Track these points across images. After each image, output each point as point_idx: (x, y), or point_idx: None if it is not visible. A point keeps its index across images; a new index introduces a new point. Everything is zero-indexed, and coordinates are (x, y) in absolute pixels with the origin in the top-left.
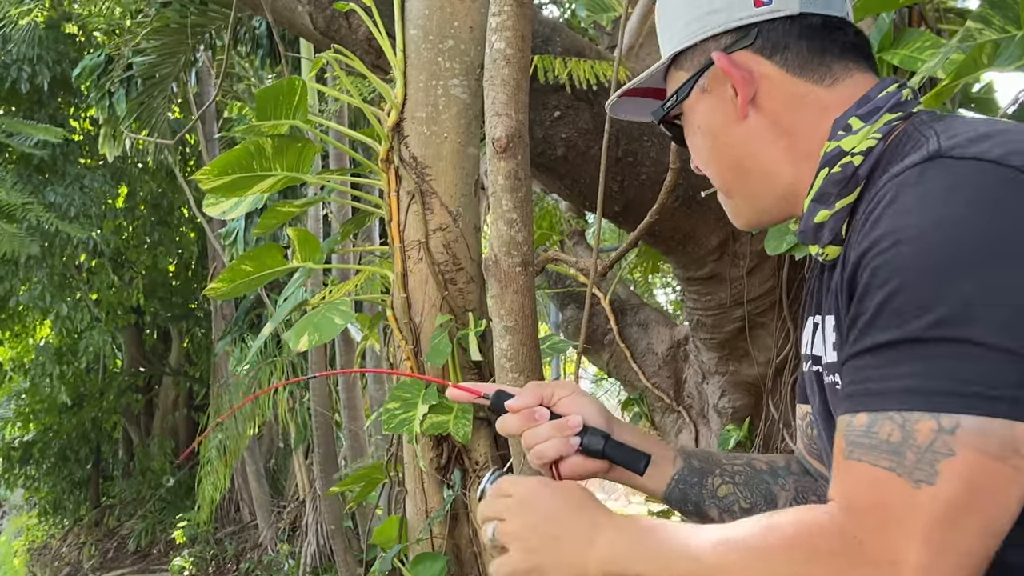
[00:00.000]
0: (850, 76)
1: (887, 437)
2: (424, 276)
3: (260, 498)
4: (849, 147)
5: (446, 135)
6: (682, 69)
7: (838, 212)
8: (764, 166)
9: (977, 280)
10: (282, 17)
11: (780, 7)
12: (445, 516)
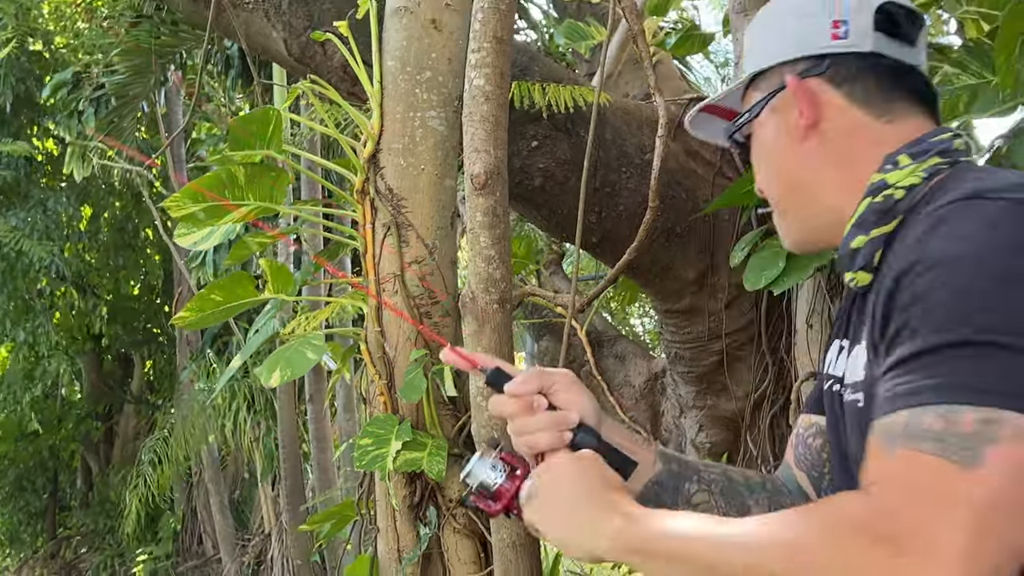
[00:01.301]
0: (911, 118)
1: (929, 427)
2: (401, 307)
3: (224, 531)
4: (893, 180)
5: (423, 167)
6: (758, 90)
7: (873, 239)
8: (817, 189)
9: (1009, 298)
10: (256, 42)
11: (854, 43)
12: (418, 557)
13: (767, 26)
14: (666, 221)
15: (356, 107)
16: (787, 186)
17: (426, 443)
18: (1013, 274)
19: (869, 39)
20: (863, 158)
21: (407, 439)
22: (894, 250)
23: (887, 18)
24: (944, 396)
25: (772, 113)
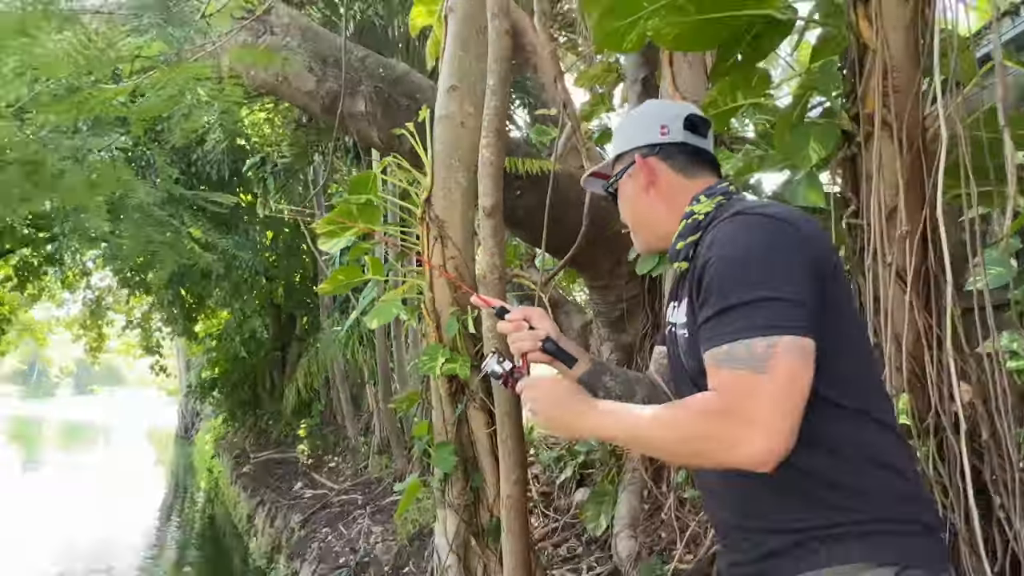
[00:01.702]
0: (705, 176)
1: (738, 353)
2: (443, 285)
3: (347, 410)
4: (698, 210)
5: (455, 204)
6: (621, 163)
7: (688, 243)
8: (655, 219)
9: (764, 269)
10: (362, 136)
11: (673, 137)
12: (454, 422)
13: (625, 128)
14: (591, 235)
15: (417, 171)
16: (638, 218)
17: (458, 359)
18: (763, 257)
19: (680, 134)
20: (680, 200)
21: (447, 357)
22: (700, 251)
23: (690, 123)
24: (744, 334)
25: (628, 178)
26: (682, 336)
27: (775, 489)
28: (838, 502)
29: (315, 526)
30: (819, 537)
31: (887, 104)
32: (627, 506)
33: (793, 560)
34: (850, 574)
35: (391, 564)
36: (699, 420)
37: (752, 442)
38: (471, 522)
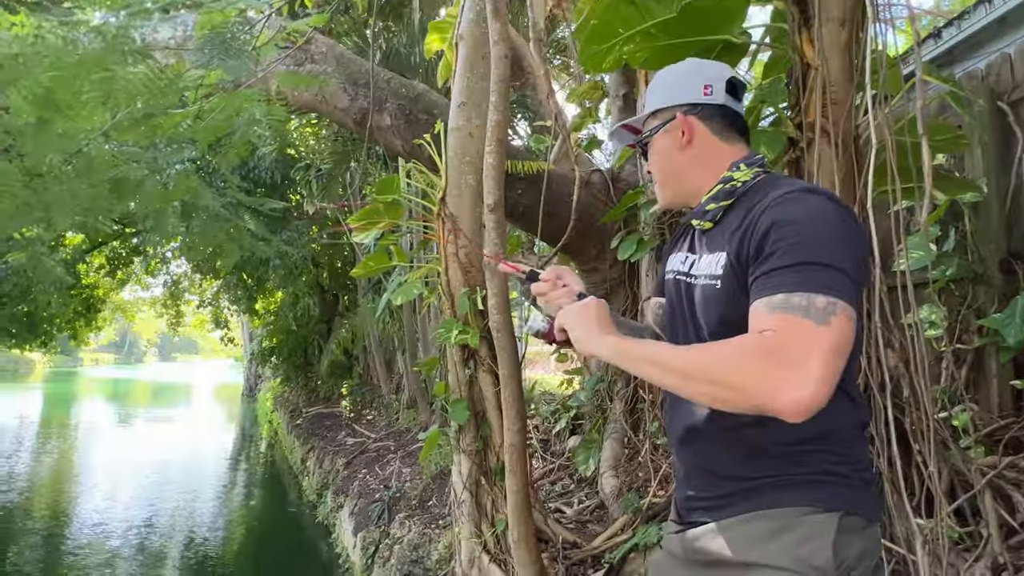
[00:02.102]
0: (738, 143)
1: (798, 303)
2: (456, 270)
3: (382, 373)
4: (737, 177)
5: (465, 201)
6: (658, 118)
7: (720, 206)
8: (686, 178)
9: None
10: (388, 145)
11: (714, 99)
12: (466, 382)
13: (665, 82)
14: (579, 226)
15: (434, 175)
16: (668, 174)
17: (469, 331)
18: (834, 233)
19: (722, 96)
20: (715, 164)
21: (460, 329)
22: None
23: (731, 86)
24: (807, 287)
25: (664, 133)
26: (707, 286)
27: (743, 443)
28: (796, 456)
29: (356, 468)
30: (772, 484)
31: (825, 114)
32: (610, 451)
33: (746, 500)
34: (796, 516)
35: (418, 498)
36: (749, 356)
37: (799, 388)
38: (481, 465)
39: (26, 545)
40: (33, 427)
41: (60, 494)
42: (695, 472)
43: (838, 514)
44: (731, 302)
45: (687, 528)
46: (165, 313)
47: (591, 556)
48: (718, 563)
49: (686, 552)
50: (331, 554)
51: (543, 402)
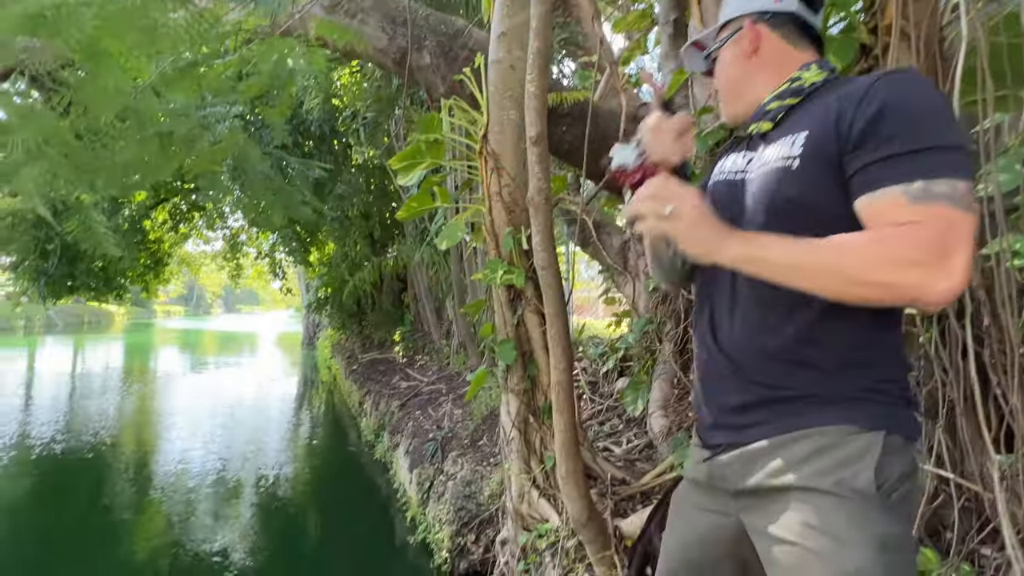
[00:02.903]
0: (810, 51)
1: (941, 190)
2: (500, 209)
3: (432, 320)
4: (806, 77)
5: (507, 138)
6: (726, 30)
7: (783, 105)
8: (749, 86)
9: (950, 123)
10: (429, 85)
11: (786, 7)
12: (513, 323)
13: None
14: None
15: (476, 112)
16: (731, 84)
17: (515, 270)
18: (946, 113)
19: (794, 4)
20: (783, 69)
21: (505, 269)
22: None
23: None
24: (947, 173)
25: (732, 43)
26: (777, 168)
27: (788, 358)
28: (841, 373)
29: (409, 410)
30: (814, 402)
31: (906, 14)
32: (660, 391)
33: (784, 419)
34: (838, 436)
35: (469, 438)
36: (898, 250)
37: (948, 279)
38: (529, 404)
39: (118, 479)
40: (117, 374)
41: (144, 433)
42: (732, 379)
43: (881, 433)
44: (810, 182)
45: (715, 455)
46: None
47: (639, 492)
48: (752, 491)
49: (713, 480)
50: (389, 489)
51: (591, 345)
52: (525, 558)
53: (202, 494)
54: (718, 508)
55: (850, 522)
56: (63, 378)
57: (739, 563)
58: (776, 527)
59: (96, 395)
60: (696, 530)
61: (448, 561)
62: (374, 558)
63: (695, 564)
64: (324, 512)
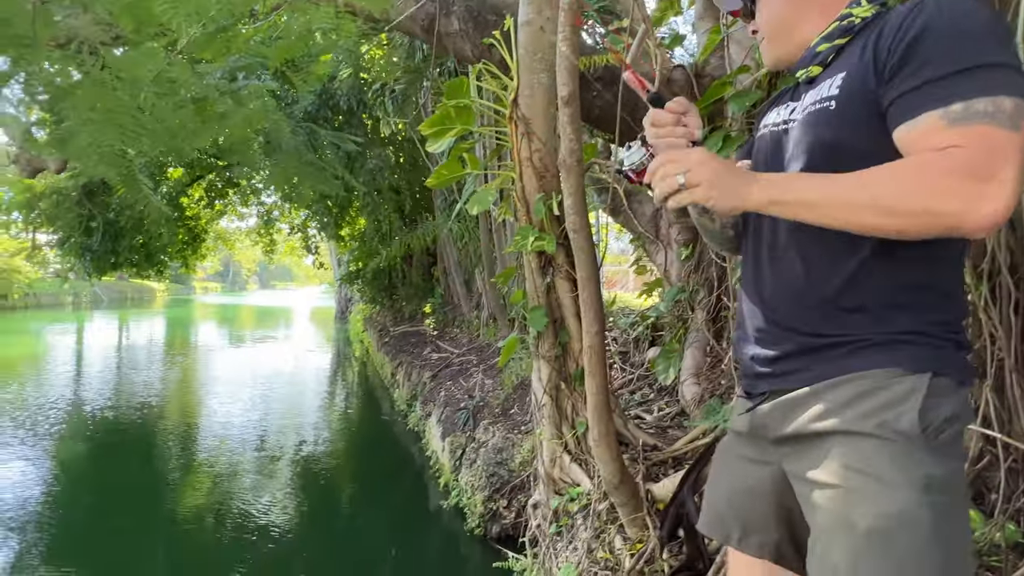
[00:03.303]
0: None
1: (982, 109)
2: (530, 175)
3: (462, 293)
4: (856, 13)
5: (538, 102)
6: None
7: (833, 46)
8: (798, 25)
9: (996, 39)
10: (458, 51)
11: None
12: (544, 289)
13: None
14: None
15: (505, 76)
16: (778, 24)
17: (545, 237)
18: (993, 29)
19: None
20: (830, 7)
21: (536, 235)
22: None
23: None
24: (990, 91)
25: None
26: (816, 111)
27: (832, 301)
28: (887, 315)
29: (441, 380)
30: (858, 345)
31: None
32: (692, 359)
33: (827, 364)
34: (882, 379)
35: (500, 407)
36: (938, 177)
37: (993, 202)
38: (560, 370)
39: (165, 443)
40: (160, 346)
41: (188, 402)
42: (775, 330)
43: (927, 375)
44: (849, 123)
45: (757, 404)
46: (260, 241)
47: (671, 458)
48: (793, 437)
49: (756, 429)
50: (422, 457)
51: (620, 315)
52: (557, 520)
53: (244, 458)
54: (761, 457)
55: (893, 463)
56: (110, 351)
57: (783, 513)
58: (817, 471)
59: (142, 366)
60: (740, 480)
61: (481, 525)
62: (410, 522)
63: (739, 514)
64: (360, 477)
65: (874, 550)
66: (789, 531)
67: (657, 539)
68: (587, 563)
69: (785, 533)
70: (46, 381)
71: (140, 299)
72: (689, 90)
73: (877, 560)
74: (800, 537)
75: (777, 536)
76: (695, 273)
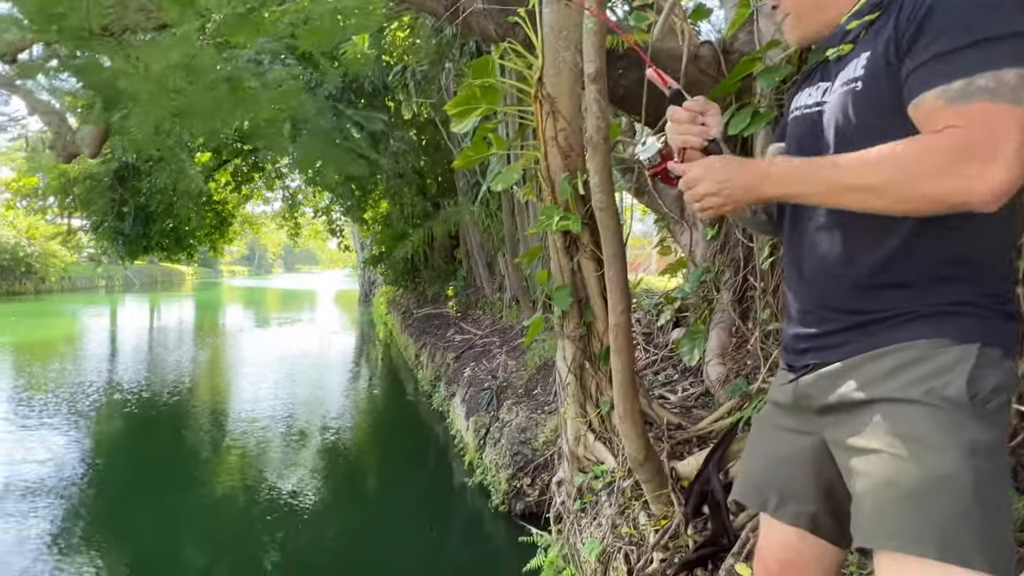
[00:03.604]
0: None
1: (983, 85)
2: (555, 154)
3: (484, 275)
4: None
5: (563, 81)
6: None
7: (862, 24)
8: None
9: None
10: (481, 31)
11: None
12: (569, 269)
13: None
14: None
15: (531, 55)
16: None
17: (571, 216)
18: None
19: None
20: None
21: (561, 215)
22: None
23: None
24: (993, 65)
25: None
26: (844, 94)
27: (879, 274)
28: (934, 287)
29: (464, 361)
30: (907, 317)
31: None
32: (717, 340)
33: (875, 336)
34: (930, 349)
35: (523, 387)
36: (935, 159)
37: (994, 177)
38: (584, 350)
39: (196, 420)
40: (190, 328)
41: (218, 381)
42: (817, 310)
43: (976, 345)
44: (875, 104)
45: (801, 375)
46: (285, 225)
47: (696, 437)
48: (837, 406)
49: (798, 399)
50: (447, 436)
51: (644, 296)
52: (581, 497)
53: (273, 435)
54: (802, 428)
55: (940, 428)
56: (143, 332)
57: (823, 484)
58: (860, 438)
59: (173, 347)
60: (778, 449)
61: (505, 502)
62: (435, 498)
63: (776, 482)
64: (386, 456)
65: (918, 512)
66: (828, 503)
67: (682, 515)
68: (611, 538)
69: (823, 504)
70: (84, 360)
71: (170, 282)
72: (717, 67)
73: (920, 522)
74: (840, 508)
75: (814, 507)
76: (721, 253)
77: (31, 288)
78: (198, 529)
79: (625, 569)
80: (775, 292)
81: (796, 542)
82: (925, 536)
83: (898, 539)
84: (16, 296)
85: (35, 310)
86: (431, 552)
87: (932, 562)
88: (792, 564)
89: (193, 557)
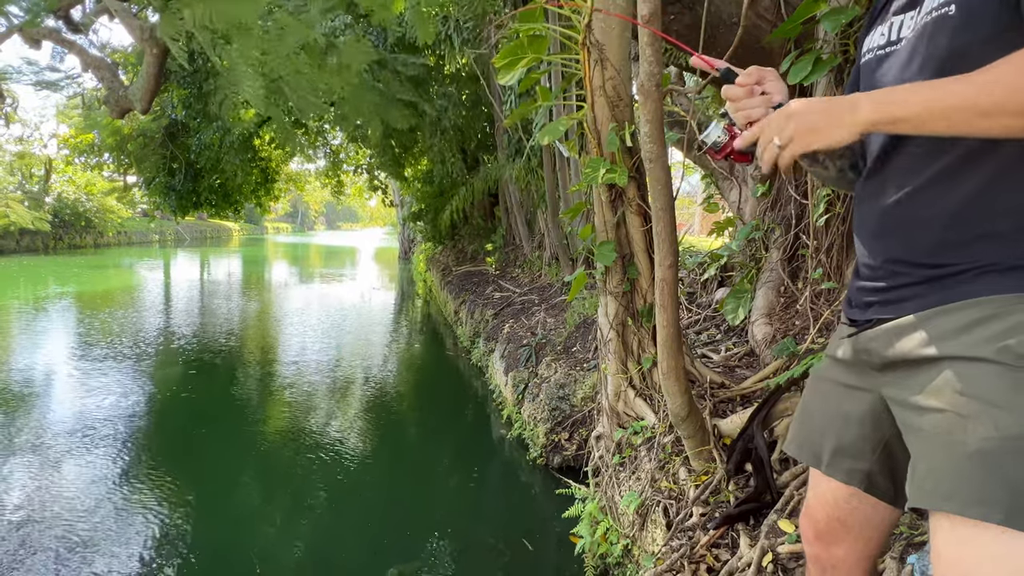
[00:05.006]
0: None
1: None
2: (603, 104)
3: (523, 232)
4: None
5: (613, 27)
6: None
7: None
8: None
9: None
10: None
11: None
12: (614, 224)
13: None
14: (739, 52)
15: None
16: None
17: (617, 169)
18: None
19: None
20: None
21: (607, 168)
22: None
23: None
24: None
25: None
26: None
27: (957, 227)
28: (1017, 238)
29: (503, 318)
30: (982, 270)
31: None
32: (764, 299)
33: (949, 289)
34: (1006, 304)
35: (562, 344)
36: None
37: None
38: (627, 306)
39: (246, 368)
40: (238, 281)
41: (266, 332)
42: (889, 264)
43: None
44: (973, 27)
45: (863, 329)
46: (328, 183)
47: (739, 396)
48: (900, 362)
49: (858, 354)
50: (485, 391)
51: (687, 256)
52: (620, 452)
53: (319, 384)
54: (861, 384)
55: (1014, 388)
56: (194, 284)
57: (879, 442)
58: (923, 396)
59: (223, 299)
60: (835, 405)
61: (542, 455)
62: (474, 449)
63: (831, 439)
64: (427, 406)
65: (984, 473)
66: (884, 461)
67: (724, 471)
68: (650, 492)
69: (879, 463)
70: (143, 310)
71: (218, 238)
72: (776, 9)
73: (986, 484)
74: (896, 468)
75: (869, 465)
76: (771, 210)
77: (91, 242)
78: (251, 467)
79: (664, 522)
80: (828, 251)
81: (847, 500)
82: (991, 499)
83: (958, 501)
84: (77, 249)
85: (95, 262)
86: (470, 499)
87: (995, 527)
88: (841, 522)
89: (246, 491)
